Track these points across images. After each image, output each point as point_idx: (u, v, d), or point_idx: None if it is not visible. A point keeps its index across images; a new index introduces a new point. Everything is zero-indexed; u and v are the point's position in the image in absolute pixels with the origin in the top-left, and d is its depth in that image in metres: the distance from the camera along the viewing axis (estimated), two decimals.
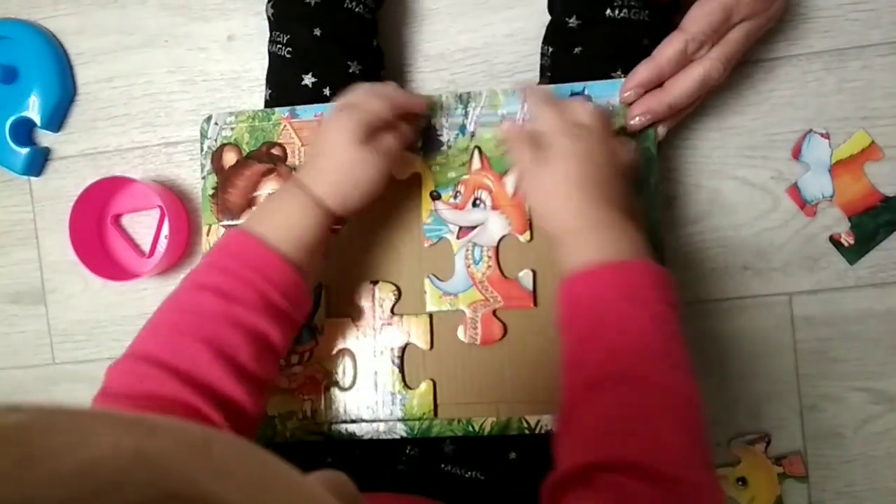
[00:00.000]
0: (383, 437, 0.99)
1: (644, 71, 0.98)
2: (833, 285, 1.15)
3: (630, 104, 0.99)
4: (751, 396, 1.17)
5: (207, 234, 1.05)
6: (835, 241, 1.15)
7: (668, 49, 0.97)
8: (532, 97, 0.95)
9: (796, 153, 1.15)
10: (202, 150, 1.06)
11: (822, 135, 1.14)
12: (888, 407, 1.15)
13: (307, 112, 1.03)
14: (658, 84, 0.99)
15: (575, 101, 0.94)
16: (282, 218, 0.89)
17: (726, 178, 1.16)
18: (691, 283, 1.17)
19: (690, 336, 1.13)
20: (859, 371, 1.15)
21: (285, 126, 1.04)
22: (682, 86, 0.98)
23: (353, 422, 1.00)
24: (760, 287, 1.17)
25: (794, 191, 1.15)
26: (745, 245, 1.16)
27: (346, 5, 1.08)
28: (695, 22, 0.97)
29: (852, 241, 1.14)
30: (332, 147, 0.90)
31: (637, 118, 0.98)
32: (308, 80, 1.08)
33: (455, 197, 0.99)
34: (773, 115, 1.15)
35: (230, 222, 1.04)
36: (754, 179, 1.16)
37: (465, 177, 1.00)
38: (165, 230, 1.28)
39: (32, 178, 1.33)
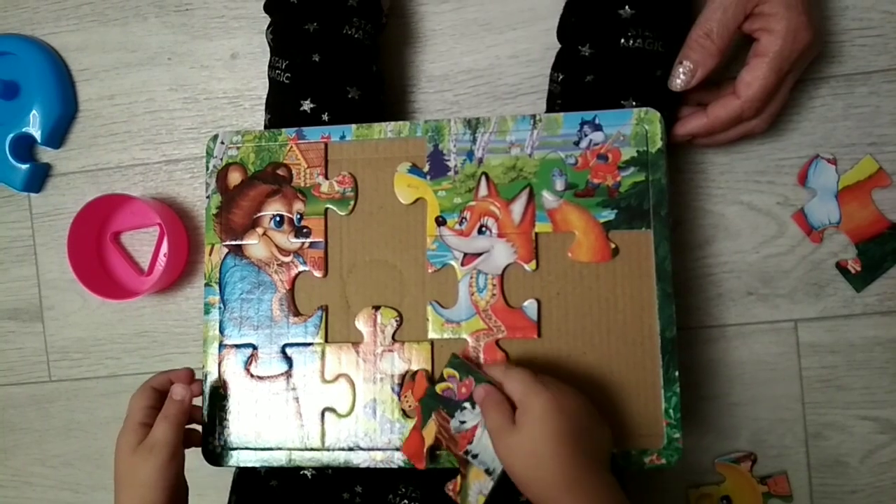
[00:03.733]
0: (380, 465, 0.98)
1: (696, 125, 1.03)
2: (839, 312, 1.14)
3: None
4: (755, 423, 1.16)
5: (210, 254, 1.03)
6: (841, 268, 1.14)
7: (723, 112, 1.01)
8: (493, 369, 0.93)
9: (803, 179, 1.14)
10: (207, 168, 1.04)
11: (828, 160, 1.13)
12: (894, 436, 1.14)
13: (314, 133, 1.02)
14: (708, 135, 1.05)
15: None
16: None
17: (732, 202, 1.15)
18: (696, 309, 1.16)
19: (694, 362, 1.13)
20: (866, 400, 1.14)
21: (292, 147, 1.03)
22: (720, 114, 1.02)
23: (349, 449, 0.99)
24: (766, 313, 1.15)
25: (801, 216, 1.14)
26: (750, 271, 1.15)
27: (345, 31, 1.07)
28: (749, 86, 0.99)
29: (859, 268, 1.13)
30: (118, 463, 0.95)
31: (677, 137, 1.04)
32: (307, 105, 1.07)
33: (461, 223, 0.98)
34: (779, 141, 1.14)
35: (233, 242, 1.03)
36: (760, 204, 1.15)
37: (472, 203, 0.99)
38: (165, 248, 1.27)
39: (32, 195, 1.32)
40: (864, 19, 1.13)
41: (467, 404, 0.92)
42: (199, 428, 1.02)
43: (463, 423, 0.91)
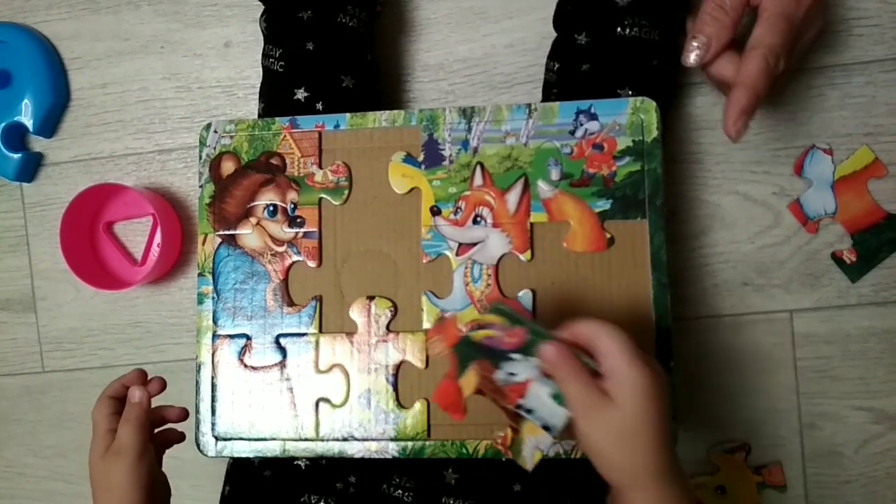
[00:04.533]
0: (374, 456, 0.97)
1: (741, 97, 0.94)
2: (834, 303, 1.14)
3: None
4: (749, 414, 1.16)
5: (203, 244, 1.03)
6: (837, 259, 1.13)
7: (751, 67, 0.94)
8: (579, 323, 0.81)
9: (799, 169, 1.14)
10: (200, 157, 1.04)
11: (824, 150, 1.13)
12: (889, 426, 1.14)
13: (307, 122, 1.02)
14: (756, 105, 0.95)
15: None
16: None
17: (728, 193, 1.15)
18: (691, 299, 1.16)
19: (690, 352, 1.13)
20: (860, 390, 1.14)
21: (285, 136, 1.02)
22: (752, 72, 0.95)
23: (344, 439, 0.98)
24: (761, 303, 1.15)
25: (797, 207, 1.14)
26: (746, 261, 1.15)
27: (339, 20, 1.07)
28: (763, 37, 0.95)
29: (854, 259, 1.13)
30: (90, 469, 0.95)
31: (736, 126, 0.95)
32: (300, 94, 1.06)
33: (455, 213, 0.98)
34: (776, 131, 1.14)
35: (226, 232, 1.02)
36: (756, 195, 1.15)
37: (467, 193, 0.98)
38: (158, 238, 1.26)
39: (24, 184, 1.31)
40: (861, 9, 1.13)
41: (516, 355, 0.81)
42: (176, 426, 1.02)
43: (512, 374, 0.80)
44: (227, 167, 1.03)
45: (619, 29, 1.01)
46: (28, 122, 1.28)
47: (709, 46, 0.97)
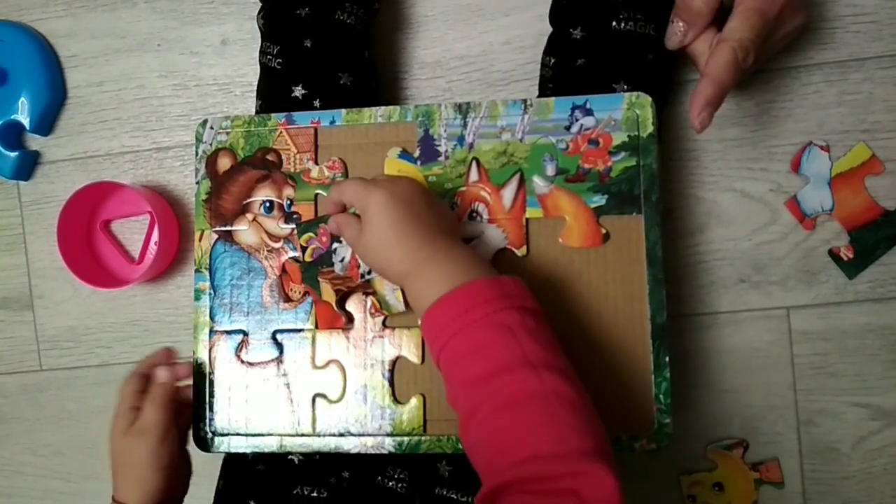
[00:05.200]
0: (371, 451, 0.97)
1: (705, 90, 0.95)
2: (831, 300, 1.14)
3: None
4: (747, 410, 1.16)
5: (199, 240, 1.03)
6: (834, 255, 1.13)
7: (718, 60, 0.95)
8: (329, 195, 0.96)
9: (796, 166, 1.13)
10: (197, 154, 1.04)
11: (821, 147, 1.13)
12: (886, 423, 1.14)
13: (303, 118, 1.02)
14: (722, 97, 0.97)
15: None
16: None
17: (725, 190, 1.15)
18: (688, 296, 1.16)
19: (687, 349, 1.13)
20: (857, 386, 1.14)
21: (281, 132, 1.02)
22: (717, 65, 0.96)
23: (340, 435, 0.98)
24: (758, 300, 1.15)
25: (794, 204, 1.14)
26: (743, 258, 1.15)
27: (337, 17, 1.07)
28: (734, 30, 0.96)
29: (851, 256, 1.13)
30: (111, 446, 0.98)
31: (700, 117, 0.96)
32: (298, 91, 1.06)
33: (451, 208, 0.98)
34: (772, 128, 1.14)
35: (223, 228, 1.02)
36: (753, 192, 1.15)
37: (462, 188, 0.98)
38: (155, 236, 1.26)
39: (21, 183, 1.31)
40: (858, 5, 1.13)
41: (335, 244, 0.98)
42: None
43: (342, 259, 0.98)
44: (224, 163, 1.03)
45: (614, 23, 1.01)
46: (25, 120, 1.28)
47: (686, 32, 0.99)
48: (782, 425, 1.15)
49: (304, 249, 0.99)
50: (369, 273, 0.97)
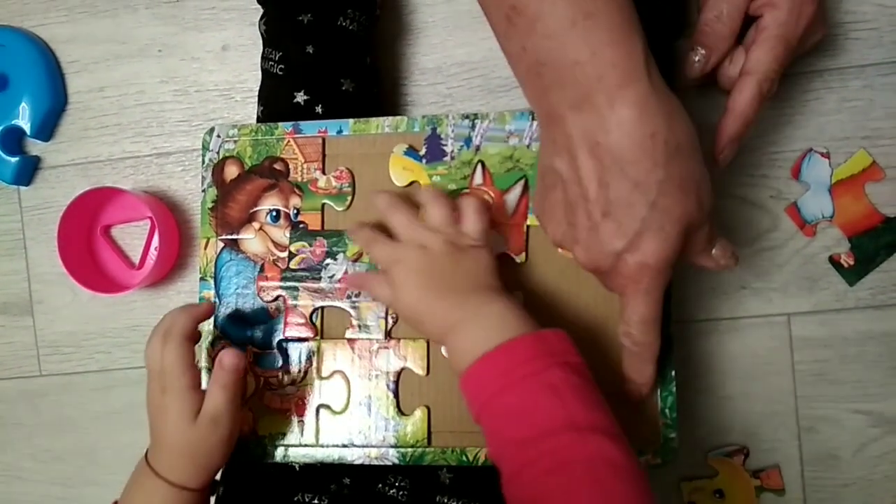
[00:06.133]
0: (374, 462, 0.98)
1: (731, 125, 0.95)
2: (832, 307, 1.14)
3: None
4: (747, 417, 1.16)
5: (205, 248, 1.03)
6: (834, 262, 1.14)
7: (743, 96, 0.95)
8: (378, 200, 0.96)
9: (796, 172, 1.14)
10: (203, 162, 1.04)
11: (822, 154, 1.13)
12: (887, 430, 1.14)
13: (310, 128, 1.02)
14: (747, 131, 0.96)
15: (390, 210, 0.95)
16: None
17: (725, 196, 1.15)
18: (688, 302, 1.16)
19: (687, 355, 1.13)
20: (858, 393, 1.15)
21: (289, 141, 1.02)
22: (743, 101, 0.95)
23: (343, 446, 0.98)
24: (758, 307, 1.16)
25: (794, 210, 1.14)
26: (743, 264, 1.15)
27: (339, 23, 1.07)
28: (759, 62, 0.95)
29: (852, 262, 1.13)
30: (173, 431, 0.92)
31: (724, 154, 0.96)
32: (300, 97, 1.06)
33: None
34: (772, 134, 1.14)
35: (229, 237, 1.02)
36: (753, 198, 1.15)
37: (466, 191, 0.98)
38: (156, 242, 1.26)
39: (21, 188, 1.31)
40: (858, 12, 1.13)
41: (328, 260, 0.99)
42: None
43: (332, 276, 1.00)
44: (231, 172, 1.03)
45: None
46: (25, 125, 1.27)
47: (708, 58, 0.98)
48: (783, 432, 1.16)
49: (291, 256, 1.00)
50: (357, 296, 0.99)
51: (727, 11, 0.96)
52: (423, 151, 1.00)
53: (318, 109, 1.06)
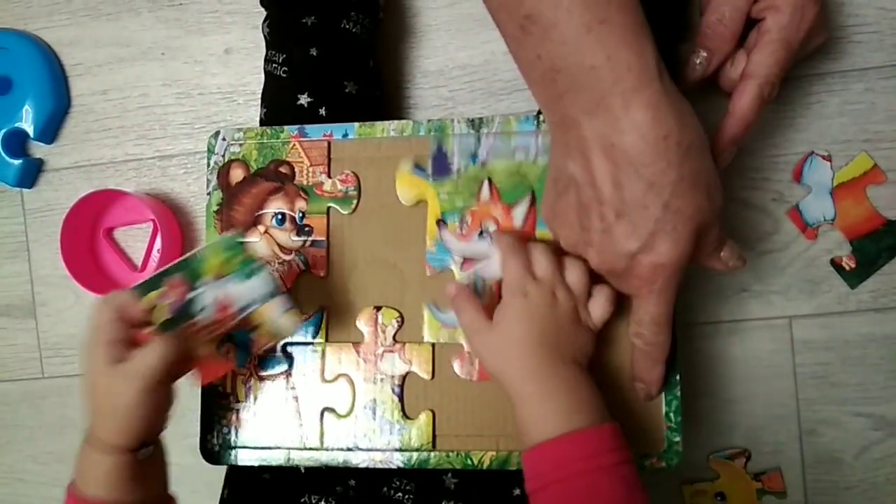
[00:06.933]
0: (379, 466, 0.98)
1: (732, 128, 0.95)
2: (834, 309, 1.15)
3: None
4: (749, 420, 1.17)
5: None
6: (836, 265, 1.14)
7: (744, 99, 0.95)
8: (499, 243, 0.94)
9: (798, 175, 1.14)
10: (209, 165, 1.04)
11: (823, 157, 1.13)
12: (889, 432, 1.15)
13: (316, 131, 1.02)
14: (746, 134, 0.97)
15: (541, 249, 0.92)
16: (92, 474, 0.90)
17: (727, 199, 1.14)
18: (690, 305, 1.16)
19: (689, 358, 1.14)
20: (860, 396, 1.15)
21: (294, 144, 1.02)
22: (744, 104, 0.95)
23: (348, 450, 0.99)
24: (760, 310, 1.16)
25: (796, 213, 1.14)
26: (744, 267, 1.15)
27: (342, 26, 1.07)
28: (760, 65, 0.95)
29: (854, 265, 1.14)
30: (90, 381, 0.89)
31: (723, 156, 0.96)
32: (304, 99, 1.06)
33: (461, 226, 0.98)
34: (774, 137, 1.15)
35: None
36: (755, 201, 1.15)
37: (474, 206, 0.98)
38: (158, 244, 1.26)
39: (24, 190, 1.31)
40: (860, 16, 1.13)
41: (191, 293, 0.91)
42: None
43: (204, 307, 0.91)
44: (237, 175, 1.03)
45: None
46: (29, 128, 1.27)
47: (710, 60, 0.98)
48: (785, 435, 1.16)
49: (150, 311, 0.90)
50: (247, 307, 0.92)
51: (729, 14, 0.96)
52: (429, 168, 1.00)
53: (322, 112, 1.07)
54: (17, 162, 1.28)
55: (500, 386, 0.90)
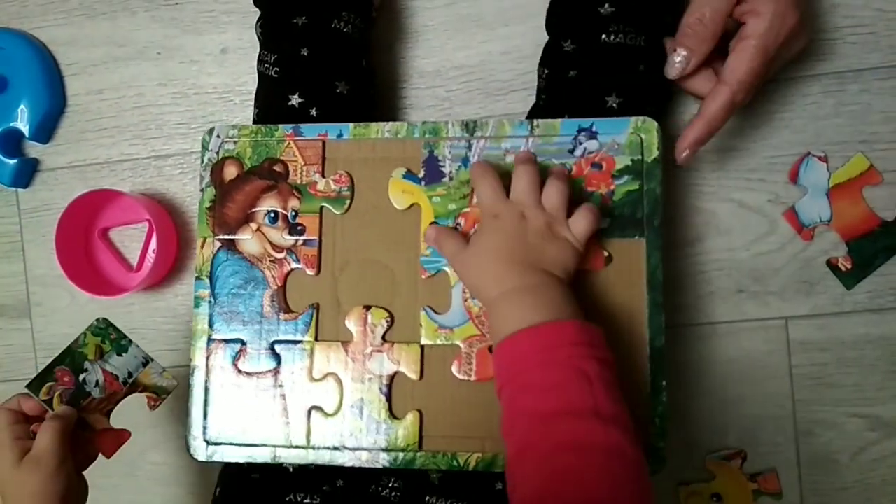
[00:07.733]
0: (365, 465, 0.97)
1: (697, 129, 0.99)
2: (830, 310, 1.14)
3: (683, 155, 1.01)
4: (745, 421, 1.16)
5: (202, 247, 1.03)
6: (832, 266, 1.14)
7: (715, 104, 0.98)
8: (474, 172, 0.97)
9: (794, 176, 1.14)
10: (202, 161, 1.04)
11: (819, 158, 1.13)
12: (884, 433, 1.14)
13: (311, 131, 1.02)
14: (711, 137, 1.00)
15: (517, 173, 0.94)
16: None
17: (723, 200, 1.15)
18: (686, 306, 1.16)
19: (685, 359, 1.13)
20: (856, 397, 1.14)
21: (289, 143, 1.02)
22: (714, 108, 0.98)
23: (335, 448, 0.98)
24: (756, 311, 1.16)
25: (792, 214, 1.14)
26: (741, 268, 1.15)
27: (334, 26, 1.07)
28: (734, 71, 0.97)
29: (850, 266, 1.13)
30: (1, 483, 0.94)
31: (684, 155, 1.00)
32: (295, 100, 1.06)
33: (455, 229, 0.98)
34: (770, 138, 1.15)
35: (226, 236, 1.02)
36: (751, 202, 1.15)
37: (467, 210, 0.98)
38: (153, 244, 1.26)
39: (20, 190, 1.31)
40: (856, 17, 1.13)
41: (81, 375, 1.02)
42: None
43: (97, 382, 1.02)
44: (230, 172, 1.03)
45: (604, 36, 1.01)
46: (24, 127, 1.27)
47: (689, 59, 0.99)
48: (781, 436, 1.16)
49: (49, 402, 1.00)
50: (130, 377, 1.03)
51: (710, 15, 0.97)
52: (421, 174, 1.00)
53: (313, 112, 1.06)
54: (12, 162, 1.28)
55: (479, 300, 0.96)
